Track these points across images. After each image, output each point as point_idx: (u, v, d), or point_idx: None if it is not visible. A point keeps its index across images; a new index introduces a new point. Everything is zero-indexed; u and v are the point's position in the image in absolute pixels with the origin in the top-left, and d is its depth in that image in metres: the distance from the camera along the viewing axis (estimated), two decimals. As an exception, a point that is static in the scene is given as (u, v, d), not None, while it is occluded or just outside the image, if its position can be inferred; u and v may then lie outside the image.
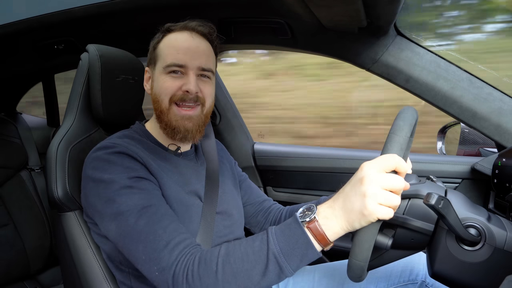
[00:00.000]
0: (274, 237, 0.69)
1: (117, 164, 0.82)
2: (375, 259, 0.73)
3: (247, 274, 0.69)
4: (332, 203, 0.67)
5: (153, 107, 0.94)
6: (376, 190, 0.61)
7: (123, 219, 0.77)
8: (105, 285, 0.90)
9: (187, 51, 0.90)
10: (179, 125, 0.91)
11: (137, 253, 0.75)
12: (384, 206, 0.61)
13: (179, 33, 0.93)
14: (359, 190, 0.63)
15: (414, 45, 1.11)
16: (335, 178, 1.47)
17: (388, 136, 0.65)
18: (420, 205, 0.71)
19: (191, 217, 0.89)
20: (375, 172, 0.62)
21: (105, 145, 0.87)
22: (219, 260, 0.70)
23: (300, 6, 0.89)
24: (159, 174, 0.86)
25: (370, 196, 0.61)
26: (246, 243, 0.71)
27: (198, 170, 0.99)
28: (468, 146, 1.43)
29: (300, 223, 0.68)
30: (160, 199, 0.82)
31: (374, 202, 0.61)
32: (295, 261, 0.68)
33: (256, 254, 0.69)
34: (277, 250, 0.67)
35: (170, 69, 0.89)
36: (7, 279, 1.54)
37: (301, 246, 0.67)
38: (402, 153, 0.64)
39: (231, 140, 1.63)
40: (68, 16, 1.09)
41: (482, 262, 0.67)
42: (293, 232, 0.68)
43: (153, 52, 0.94)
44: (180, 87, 0.89)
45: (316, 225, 0.66)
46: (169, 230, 0.76)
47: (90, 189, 0.83)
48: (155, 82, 0.93)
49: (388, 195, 0.61)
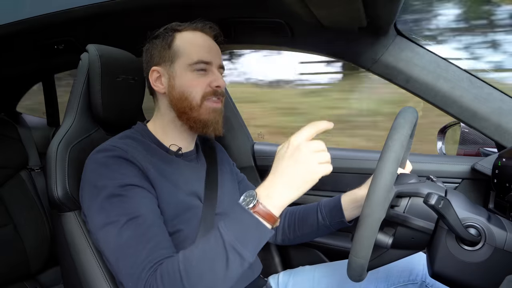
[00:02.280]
0: (225, 229, 0.71)
1: (113, 170, 0.82)
2: (375, 259, 0.73)
3: (211, 271, 0.70)
4: (270, 180, 0.72)
5: (173, 105, 0.94)
6: (311, 153, 0.70)
7: (108, 230, 0.78)
8: (105, 285, 0.90)
9: (210, 50, 0.94)
10: (210, 119, 0.93)
11: (117, 266, 0.77)
12: (323, 163, 0.71)
13: (193, 32, 0.94)
14: (299, 157, 0.70)
15: (414, 45, 1.11)
16: (336, 178, 1.47)
17: (388, 135, 0.65)
18: (421, 204, 0.71)
19: (191, 218, 0.89)
20: (303, 141, 0.71)
21: (105, 147, 0.87)
22: (180, 267, 0.70)
23: (300, 6, 0.89)
24: (158, 178, 0.86)
25: (310, 159, 0.70)
26: (201, 243, 0.73)
27: (198, 171, 0.99)
28: (468, 146, 1.43)
29: (245, 209, 0.70)
30: (149, 208, 0.82)
31: (315, 162, 0.70)
32: (253, 245, 0.71)
33: (214, 249, 0.70)
34: (232, 239, 0.69)
35: (197, 66, 0.91)
36: (7, 279, 1.54)
37: (253, 229, 0.70)
38: (403, 149, 0.64)
39: (231, 140, 1.62)
40: (68, 16, 1.09)
41: (482, 262, 0.67)
42: (241, 218, 0.70)
43: (168, 50, 0.93)
44: (209, 83, 0.92)
45: (261, 207, 0.70)
46: (150, 246, 0.76)
47: (85, 192, 0.84)
48: (177, 80, 0.92)
49: (322, 153, 0.71)
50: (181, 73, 0.92)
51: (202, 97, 0.92)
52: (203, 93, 0.92)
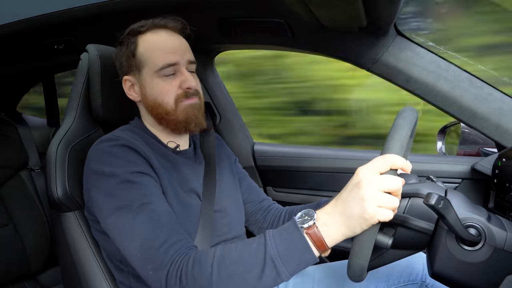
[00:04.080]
0: (272, 240, 0.68)
1: (120, 157, 0.82)
2: (375, 259, 0.73)
3: (242, 277, 0.68)
4: (331, 209, 0.67)
5: (150, 112, 0.93)
6: (374, 193, 0.61)
7: (122, 214, 0.76)
8: (105, 285, 0.90)
9: (174, 50, 0.90)
10: (189, 116, 0.91)
11: (133, 249, 0.75)
12: (383, 208, 0.61)
13: (156, 32, 0.91)
14: (357, 195, 0.62)
15: (414, 45, 1.11)
16: (336, 178, 1.47)
17: (388, 135, 0.65)
18: (421, 204, 0.71)
19: (190, 215, 0.89)
20: (371, 175, 0.62)
21: (108, 137, 0.87)
22: (214, 262, 0.69)
23: (300, 6, 0.89)
24: (160, 171, 0.86)
25: (369, 200, 0.61)
26: (242, 245, 0.71)
27: (196, 168, 0.99)
28: (468, 146, 1.43)
29: (299, 228, 0.67)
30: (160, 196, 0.82)
31: (374, 205, 0.61)
32: (293, 266, 0.67)
33: (253, 257, 0.68)
34: (275, 254, 0.67)
35: (164, 71, 0.89)
36: (7, 279, 1.54)
37: (300, 250, 0.67)
38: (403, 151, 0.64)
39: (231, 140, 1.62)
40: (68, 16, 1.09)
41: (482, 262, 0.67)
42: (291, 236, 0.67)
43: (133, 58, 0.91)
44: (179, 85, 0.90)
45: (316, 231, 0.66)
46: (167, 229, 0.75)
47: (92, 182, 0.83)
48: (148, 88, 0.91)
49: (387, 196, 0.61)
50: (150, 81, 0.90)
51: (175, 101, 0.90)
52: (175, 96, 0.90)
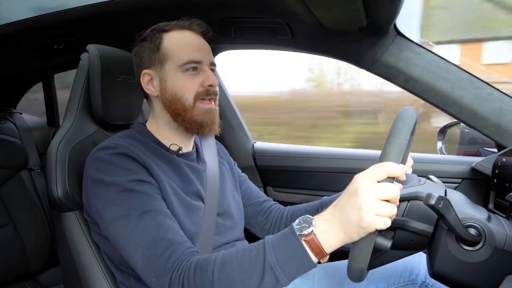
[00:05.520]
0: (270, 248, 0.69)
1: (118, 166, 0.82)
2: (375, 259, 0.73)
3: (243, 284, 0.68)
4: (329, 216, 0.67)
5: (167, 108, 0.93)
6: (371, 201, 0.61)
7: (123, 223, 0.77)
8: (105, 285, 0.90)
9: (199, 48, 0.92)
10: (205, 119, 0.92)
11: (135, 257, 0.76)
12: (381, 216, 0.61)
13: (181, 31, 0.93)
14: (354, 203, 0.62)
15: (414, 45, 1.11)
16: (336, 178, 1.47)
17: (387, 139, 0.65)
18: (420, 206, 0.71)
19: (193, 218, 0.89)
20: (368, 183, 0.61)
21: (106, 145, 0.86)
22: (215, 269, 0.70)
23: (300, 6, 0.89)
24: (160, 177, 0.86)
25: (366, 208, 0.60)
26: (242, 253, 0.71)
27: (199, 171, 0.99)
28: (468, 146, 1.43)
29: (297, 235, 0.67)
30: (160, 203, 0.82)
31: (371, 214, 0.60)
32: (291, 272, 0.68)
33: (253, 264, 0.69)
34: (273, 261, 0.67)
35: (188, 66, 0.90)
36: (7, 279, 1.54)
37: (298, 258, 0.67)
38: (401, 156, 0.63)
39: (231, 140, 1.62)
40: (68, 16, 1.10)
41: (482, 262, 0.67)
42: (290, 243, 0.68)
43: (156, 52, 0.92)
44: (201, 83, 0.91)
45: (314, 238, 0.66)
46: (168, 236, 0.76)
47: (91, 189, 0.83)
48: (168, 82, 0.91)
49: (384, 205, 0.61)
50: (172, 75, 0.91)
51: (195, 98, 0.90)
52: (195, 93, 0.90)
